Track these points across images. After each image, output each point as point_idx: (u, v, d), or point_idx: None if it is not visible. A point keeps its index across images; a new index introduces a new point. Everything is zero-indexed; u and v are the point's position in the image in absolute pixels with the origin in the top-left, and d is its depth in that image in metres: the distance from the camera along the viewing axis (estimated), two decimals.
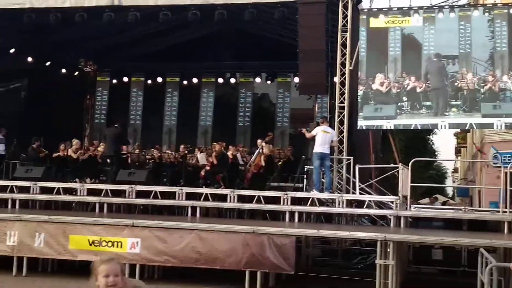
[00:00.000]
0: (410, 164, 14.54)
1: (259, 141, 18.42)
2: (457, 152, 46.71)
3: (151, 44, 24.86)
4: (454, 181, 54.85)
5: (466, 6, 15.54)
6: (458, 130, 34.59)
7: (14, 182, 16.70)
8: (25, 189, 16.34)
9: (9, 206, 15.51)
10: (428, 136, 45.22)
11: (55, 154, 18.74)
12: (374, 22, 15.63)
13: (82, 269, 12.68)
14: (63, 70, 24.86)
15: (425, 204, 23.53)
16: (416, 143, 40.72)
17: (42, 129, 20.28)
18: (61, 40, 22.52)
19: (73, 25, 18.67)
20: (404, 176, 14.38)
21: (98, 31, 21.46)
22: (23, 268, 12.45)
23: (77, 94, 26.18)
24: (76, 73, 26.13)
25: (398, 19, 15.53)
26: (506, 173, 14.71)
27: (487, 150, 27.64)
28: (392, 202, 14.14)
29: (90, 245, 12.20)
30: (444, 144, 56.13)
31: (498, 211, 14.18)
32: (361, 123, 15.74)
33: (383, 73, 15.52)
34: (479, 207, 23.66)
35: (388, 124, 15.96)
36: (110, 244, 12.08)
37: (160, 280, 12.43)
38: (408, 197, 14.56)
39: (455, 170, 57.71)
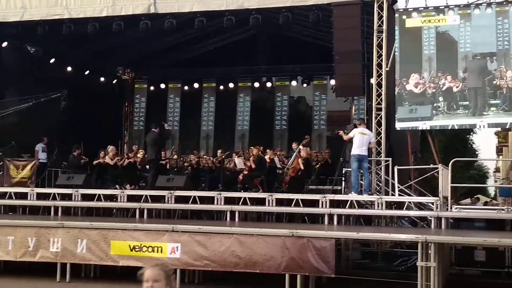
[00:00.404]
0: (450, 164, 14.36)
1: (294, 144, 18.40)
2: (499, 151, 45.90)
3: (187, 51, 25.07)
4: (496, 181, 53.79)
5: (504, 2, 15.19)
6: (499, 129, 34.05)
7: (56, 190, 17.00)
8: (67, 196, 16.61)
9: (52, 213, 15.80)
10: (468, 136, 44.47)
11: (95, 162, 19.01)
12: (410, 22, 15.47)
13: (124, 274, 12.89)
14: (102, 79, 25.27)
15: (466, 205, 23.17)
16: (456, 143, 40.09)
17: (82, 137, 20.57)
18: (99, 49, 22.89)
19: (111, 34, 18.95)
20: (444, 177, 14.21)
21: (135, 39, 21.71)
22: (67, 274, 12.63)
23: (115, 101, 26.55)
24: (115, 81, 26.51)
25: (434, 18, 15.35)
26: None
27: None
28: (432, 203, 13.98)
29: (131, 250, 12.32)
30: (485, 143, 55.13)
31: None
32: (398, 125, 15.59)
33: (418, 73, 15.32)
34: None
35: (423, 126, 15.76)
36: (150, 249, 12.18)
37: (201, 284, 12.50)
38: (449, 198, 14.38)
39: (497, 170, 56.62)
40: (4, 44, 19.23)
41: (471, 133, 44.22)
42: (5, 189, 17.43)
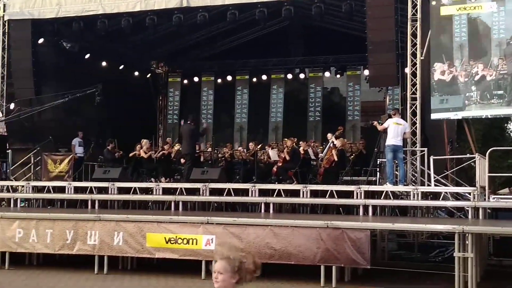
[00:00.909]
0: (487, 153, 14.14)
1: (329, 135, 18.31)
2: None
3: (220, 43, 25.14)
4: None
5: None
6: None
7: (93, 183, 17.25)
8: (104, 190, 16.84)
9: (89, 206, 16.04)
10: (506, 124, 43.64)
11: (130, 154, 19.21)
12: (445, 10, 15.20)
13: (160, 266, 13.02)
14: (136, 73, 25.47)
15: (505, 195, 22.78)
16: (494, 131, 39.39)
17: (117, 131, 20.85)
18: (133, 43, 23.07)
19: (144, 28, 19.09)
20: (482, 166, 14.00)
21: (168, 33, 21.83)
22: (104, 266, 12.80)
23: (150, 95, 26.75)
24: (149, 75, 26.70)
25: (470, 5, 15.04)
26: None
27: None
28: (469, 193, 13.80)
29: (167, 242, 12.41)
30: None
31: None
32: (432, 115, 15.35)
33: (448, 61, 14.99)
34: None
35: (455, 116, 15.43)
36: (185, 241, 12.26)
37: None
38: (486, 188, 14.18)
39: None
40: (41, 40, 19.49)
41: (510, 122, 43.38)
42: (43, 183, 17.75)
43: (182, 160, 18.56)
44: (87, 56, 22.07)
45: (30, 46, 18.68)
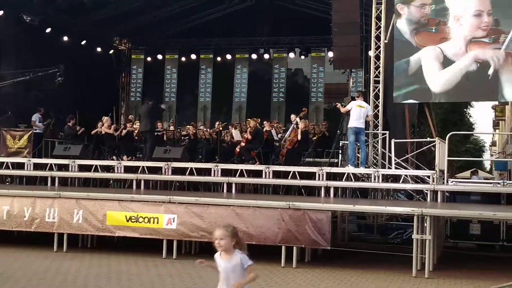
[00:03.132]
0: (447, 137, 14.34)
1: (293, 116, 18.33)
2: (495, 125, 45.94)
3: (185, 21, 24.86)
4: (492, 155, 53.98)
5: None
6: (496, 102, 34.01)
7: (53, 160, 16.98)
8: (64, 167, 16.61)
9: (49, 183, 15.81)
10: (465, 109, 44.39)
11: (92, 132, 18.97)
12: None
13: (121, 245, 12.94)
14: (99, 49, 25.07)
15: (463, 178, 23.22)
16: (453, 116, 40.05)
17: (78, 107, 20.51)
18: (96, 18, 22.66)
19: (108, 3, 18.75)
20: (441, 150, 14.19)
21: (132, 9, 21.51)
22: (64, 244, 12.68)
23: (112, 72, 26.40)
24: (111, 51, 26.30)
25: None
26: None
27: None
28: (428, 176, 14.00)
29: (127, 221, 12.33)
30: (481, 117, 55.09)
31: None
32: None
33: None
34: None
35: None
36: (146, 220, 12.19)
37: (197, 255, 12.49)
38: (445, 171, 14.41)
39: (493, 144, 56.79)
40: (0, 13, 19.00)
41: (468, 107, 44.15)
42: (1, 159, 17.40)
43: None
44: (48, 30, 21.60)
45: None
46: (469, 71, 14.63)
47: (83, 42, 23.79)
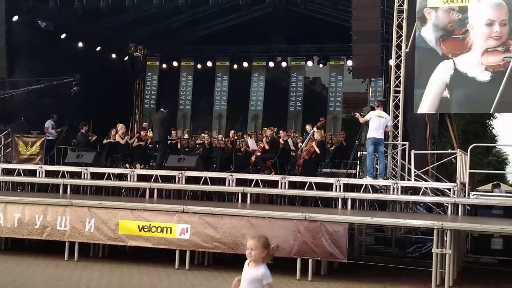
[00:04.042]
0: (469, 149, 14.25)
1: (308, 127, 18.33)
2: None
3: (201, 28, 24.97)
4: None
5: None
6: None
7: (65, 168, 17.08)
8: (76, 175, 16.69)
9: (61, 191, 15.89)
10: (488, 121, 44.03)
11: (105, 140, 19.06)
12: (432, 2, 15.22)
13: (133, 254, 12.95)
14: (113, 55, 25.25)
15: (485, 192, 23.03)
16: (475, 127, 39.74)
17: (92, 114, 20.64)
18: (112, 25, 22.83)
19: (124, 9, 18.88)
20: (463, 162, 14.11)
21: (148, 16, 21.63)
22: (75, 253, 12.72)
23: (127, 79, 26.55)
24: (126, 58, 26.46)
25: None
26: None
27: None
28: (449, 189, 13.91)
29: (140, 230, 12.34)
30: (505, 129, 54.60)
31: None
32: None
33: None
34: None
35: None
36: (159, 229, 12.19)
37: (210, 266, 12.54)
38: (467, 184, 14.29)
39: None
40: (15, 18, 19.19)
41: (491, 118, 43.78)
42: (13, 166, 17.54)
43: None
44: (63, 36, 21.80)
45: (4, 23, 18.41)
46: (487, 81, 14.54)
47: (98, 48, 23.97)
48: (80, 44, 22.73)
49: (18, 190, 17.08)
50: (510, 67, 14.39)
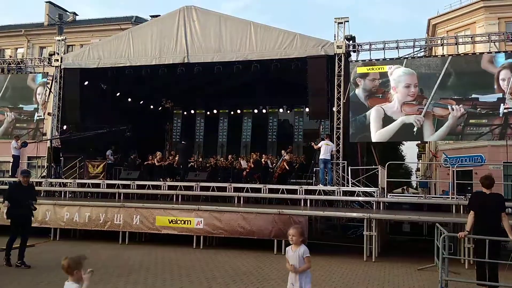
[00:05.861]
0: (386, 165, 14.33)
1: (283, 151, 18.35)
2: (419, 157, 45.79)
3: (209, 88, 24.98)
4: (417, 177, 53.66)
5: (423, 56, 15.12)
6: (419, 142, 33.89)
7: (119, 181, 16.95)
8: (127, 186, 16.56)
9: (116, 197, 15.77)
10: (398, 146, 44.53)
11: (146, 163, 18.97)
12: (360, 69, 15.41)
13: (165, 239, 12.83)
14: (151, 106, 25.21)
15: (397, 193, 23.05)
16: (390, 150, 39.95)
17: (138, 145, 20.56)
18: (150, 86, 22.84)
19: (158, 76, 18.94)
20: (382, 174, 14.18)
21: (174, 80, 21.67)
22: (126, 239, 12.60)
23: (160, 122, 26.50)
24: (160, 108, 26.45)
25: (376, 67, 15.28)
26: (453, 171, 14.39)
27: (440, 155, 26.99)
28: (374, 192, 13.93)
29: (170, 223, 12.29)
30: (409, 151, 55.00)
31: (448, 198, 13.86)
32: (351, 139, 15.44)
33: None
34: (435, 194, 23.10)
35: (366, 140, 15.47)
36: (183, 222, 12.14)
37: (217, 246, 12.43)
38: (385, 188, 14.34)
39: (418, 169, 56.52)
40: (86, 83, 19.18)
41: (400, 144, 44.13)
42: (85, 181, 17.40)
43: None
44: (118, 94, 21.78)
45: (78, 86, 18.38)
46: (404, 122, 14.65)
47: (141, 102, 23.93)
48: (129, 99, 22.67)
49: (88, 197, 16.92)
50: (422, 117, 14.47)
